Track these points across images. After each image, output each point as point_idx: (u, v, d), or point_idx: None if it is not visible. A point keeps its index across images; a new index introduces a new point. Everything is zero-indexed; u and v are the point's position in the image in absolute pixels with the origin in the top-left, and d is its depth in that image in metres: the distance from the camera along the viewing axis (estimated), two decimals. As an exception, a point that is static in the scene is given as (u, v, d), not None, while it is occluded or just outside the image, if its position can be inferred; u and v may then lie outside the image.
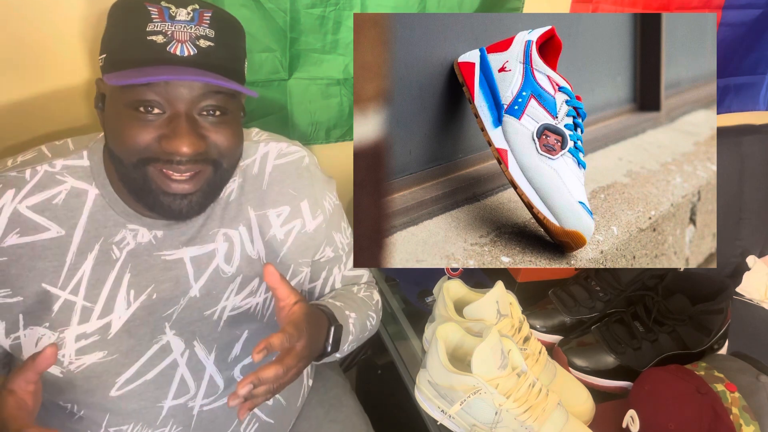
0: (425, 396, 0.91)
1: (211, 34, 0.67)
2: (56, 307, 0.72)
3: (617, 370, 0.98)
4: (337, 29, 1.07)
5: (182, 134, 0.65)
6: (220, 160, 0.71)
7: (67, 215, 0.72)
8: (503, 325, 0.92)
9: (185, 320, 0.78)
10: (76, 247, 0.72)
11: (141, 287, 0.75)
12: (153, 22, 0.64)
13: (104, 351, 0.74)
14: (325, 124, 1.16)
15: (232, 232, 0.80)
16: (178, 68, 0.64)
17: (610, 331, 1.02)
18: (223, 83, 0.65)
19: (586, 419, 0.92)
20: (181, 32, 0.65)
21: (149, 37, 0.64)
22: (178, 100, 0.66)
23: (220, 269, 0.79)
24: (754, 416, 0.83)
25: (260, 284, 0.82)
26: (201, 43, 0.66)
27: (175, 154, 0.66)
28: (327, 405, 1.02)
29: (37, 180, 0.72)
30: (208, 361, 0.80)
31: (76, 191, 0.73)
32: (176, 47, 0.64)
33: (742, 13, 1.38)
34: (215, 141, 0.69)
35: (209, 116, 0.68)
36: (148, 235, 0.75)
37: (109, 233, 0.74)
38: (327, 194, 0.89)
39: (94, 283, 0.73)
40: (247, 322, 0.82)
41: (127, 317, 0.75)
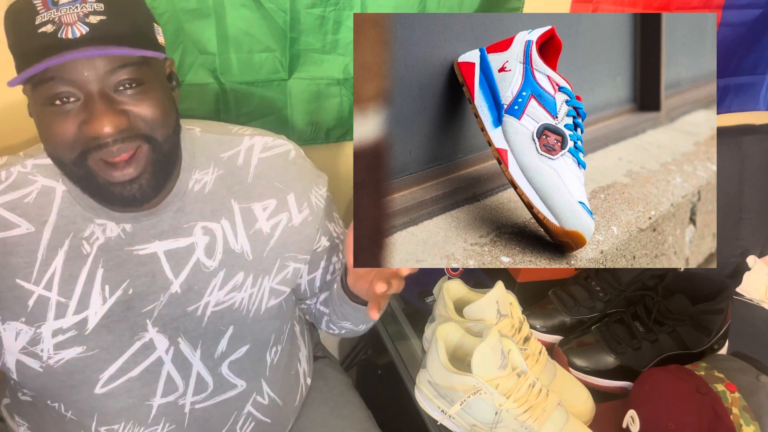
0: (425, 396, 0.91)
1: (99, 7, 0.64)
2: (31, 302, 0.73)
3: (617, 370, 0.98)
4: (337, 29, 1.07)
5: (99, 114, 0.64)
6: (151, 133, 0.68)
7: (37, 212, 0.73)
8: (503, 325, 0.92)
9: (168, 317, 0.78)
10: (46, 242, 0.73)
11: (116, 282, 0.75)
12: (39, 14, 0.62)
13: (83, 346, 0.74)
14: (325, 124, 1.16)
15: (214, 225, 0.79)
16: (70, 51, 0.62)
17: (610, 331, 1.02)
18: (115, 51, 0.62)
19: (586, 419, 0.92)
20: (68, 15, 0.62)
21: (40, 30, 0.62)
22: (87, 82, 0.64)
23: (201, 263, 0.78)
24: (754, 416, 0.83)
25: (245, 279, 0.81)
26: (91, 20, 0.63)
27: (98, 136, 0.64)
28: (332, 402, 1.02)
29: (12, 181, 0.74)
30: (194, 357, 0.80)
31: (45, 189, 0.74)
32: (66, 31, 0.62)
33: (742, 13, 1.38)
34: (138, 114, 0.67)
35: (126, 90, 0.66)
36: (117, 229, 0.74)
37: (78, 229, 0.74)
38: (314, 188, 0.87)
39: (67, 279, 0.73)
40: (231, 317, 0.81)
41: (104, 312, 0.75)
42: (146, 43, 0.69)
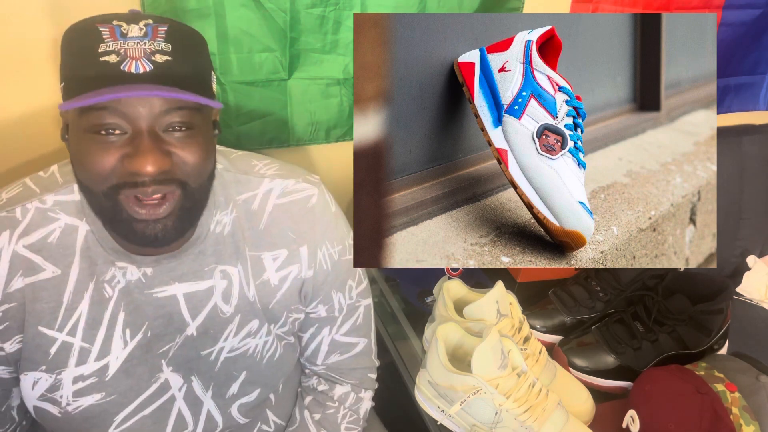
0: (425, 396, 0.91)
1: (167, 48, 0.63)
2: (53, 350, 0.70)
3: (617, 370, 0.98)
4: (337, 29, 1.07)
5: (145, 151, 0.62)
6: (186, 179, 0.66)
7: (61, 254, 0.70)
8: (503, 325, 0.92)
9: (182, 357, 0.76)
10: (72, 286, 0.70)
11: (136, 326, 0.73)
12: (105, 42, 0.61)
13: (102, 392, 0.73)
14: (325, 124, 1.16)
15: (231, 269, 0.77)
16: (132, 86, 0.60)
17: (610, 331, 1.02)
18: (180, 95, 0.61)
19: (586, 419, 0.92)
20: (135, 49, 0.61)
21: (102, 58, 0.61)
22: (139, 118, 0.62)
23: (218, 308, 0.76)
24: (754, 416, 0.83)
25: (260, 326, 0.79)
26: (157, 58, 0.62)
27: (139, 173, 0.62)
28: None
29: (30, 218, 0.70)
30: (205, 396, 0.79)
31: (69, 228, 0.71)
32: (130, 65, 0.61)
33: (742, 13, 1.38)
34: (182, 158, 0.65)
35: (174, 132, 0.64)
36: (137, 273, 0.72)
37: (100, 271, 0.71)
38: (325, 244, 0.82)
39: (91, 323, 0.71)
40: (245, 363, 0.80)
41: (125, 357, 0.73)
42: (205, 89, 0.67)
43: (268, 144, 1.12)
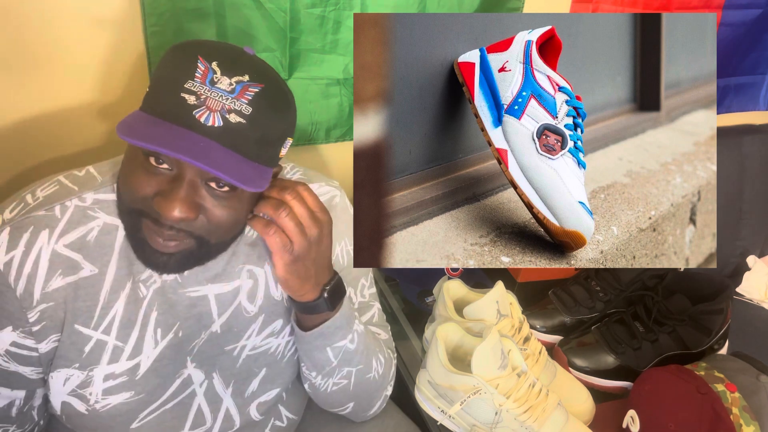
0: (425, 396, 0.91)
1: (247, 110, 0.61)
2: (87, 348, 0.70)
3: (617, 370, 0.98)
4: (337, 29, 1.07)
5: (175, 198, 0.61)
6: (207, 237, 0.66)
7: (99, 252, 0.70)
8: (503, 325, 0.92)
9: (206, 353, 0.77)
10: (109, 285, 0.70)
11: (168, 326, 0.74)
12: (193, 81, 0.60)
13: (131, 392, 0.73)
14: (325, 124, 1.16)
15: (258, 270, 0.78)
16: (193, 136, 0.59)
17: (610, 331, 1.02)
18: (221, 175, 0.58)
19: (586, 419, 0.92)
20: (215, 100, 0.60)
21: (182, 94, 0.60)
22: (187, 165, 0.62)
23: (243, 307, 0.78)
24: (754, 416, 0.83)
25: (283, 326, 0.81)
26: (231, 117, 0.60)
27: (162, 215, 0.62)
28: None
29: (69, 216, 0.69)
30: (225, 393, 0.80)
31: (107, 227, 0.71)
32: (203, 114, 0.60)
33: (742, 13, 1.38)
34: (210, 218, 0.64)
35: (216, 189, 0.64)
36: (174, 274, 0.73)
37: (137, 271, 0.71)
38: (345, 240, 0.85)
39: (125, 323, 0.71)
40: (265, 360, 0.81)
41: (155, 356, 0.73)
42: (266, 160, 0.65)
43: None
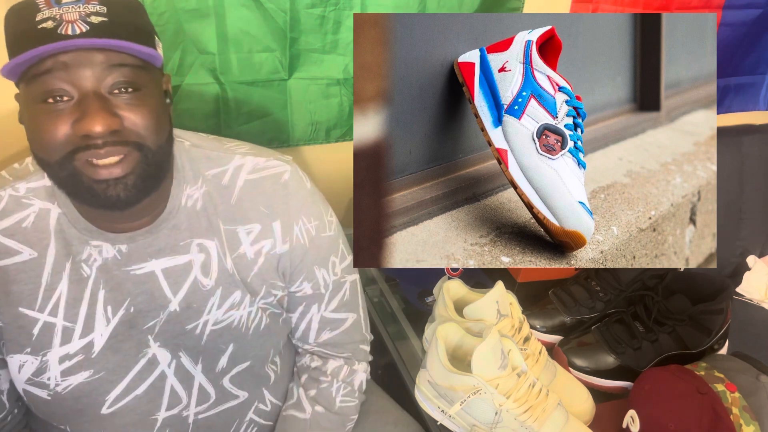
0: (425, 396, 0.91)
1: (102, 10, 0.63)
2: (36, 330, 0.72)
3: (617, 370, 0.98)
4: (337, 29, 1.07)
5: (92, 113, 0.62)
6: (142, 141, 0.66)
7: (37, 237, 0.72)
8: (503, 325, 0.92)
9: (168, 333, 0.77)
10: (50, 267, 0.72)
11: (117, 302, 0.74)
12: (41, 11, 0.62)
13: (90, 370, 0.74)
14: (325, 124, 1.16)
15: (209, 243, 0.77)
16: (72, 41, 0.61)
17: (610, 331, 1.02)
18: (113, 43, 0.61)
19: (586, 419, 0.92)
20: (70, 13, 0.62)
21: (40, 26, 0.61)
22: (83, 79, 0.63)
23: (198, 282, 0.77)
24: (754, 416, 0.83)
25: (242, 297, 0.80)
26: (93, 20, 0.63)
27: (88, 134, 0.63)
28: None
29: (3, 205, 0.72)
30: (195, 370, 0.79)
31: (42, 213, 0.72)
32: (67, 27, 0.61)
33: (742, 13, 1.38)
34: (131, 120, 0.65)
35: (122, 94, 0.65)
36: (112, 250, 0.73)
37: (76, 251, 0.73)
38: (301, 219, 0.82)
39: (71, 303, 0.73)
40: (231, 335, 0.80)
41: (109, 333, 0.74)
42: (144, 41, 0.67)
43: (268, 144, 1.13)
